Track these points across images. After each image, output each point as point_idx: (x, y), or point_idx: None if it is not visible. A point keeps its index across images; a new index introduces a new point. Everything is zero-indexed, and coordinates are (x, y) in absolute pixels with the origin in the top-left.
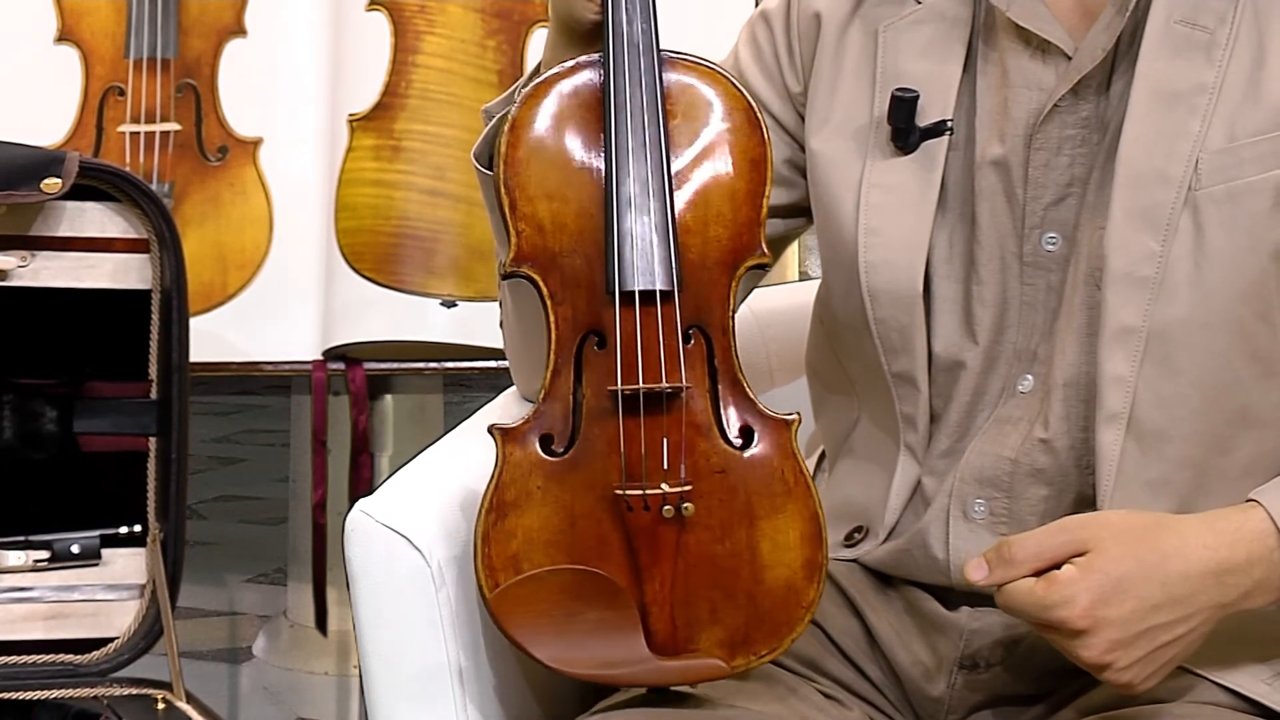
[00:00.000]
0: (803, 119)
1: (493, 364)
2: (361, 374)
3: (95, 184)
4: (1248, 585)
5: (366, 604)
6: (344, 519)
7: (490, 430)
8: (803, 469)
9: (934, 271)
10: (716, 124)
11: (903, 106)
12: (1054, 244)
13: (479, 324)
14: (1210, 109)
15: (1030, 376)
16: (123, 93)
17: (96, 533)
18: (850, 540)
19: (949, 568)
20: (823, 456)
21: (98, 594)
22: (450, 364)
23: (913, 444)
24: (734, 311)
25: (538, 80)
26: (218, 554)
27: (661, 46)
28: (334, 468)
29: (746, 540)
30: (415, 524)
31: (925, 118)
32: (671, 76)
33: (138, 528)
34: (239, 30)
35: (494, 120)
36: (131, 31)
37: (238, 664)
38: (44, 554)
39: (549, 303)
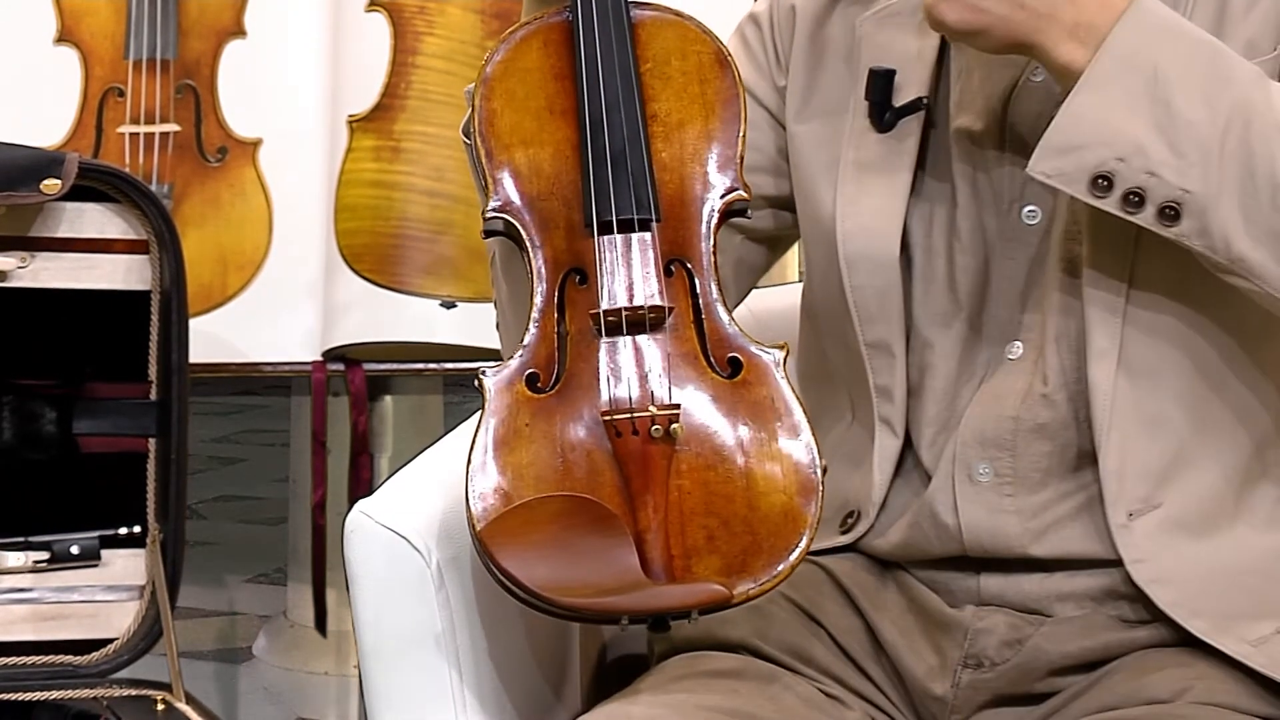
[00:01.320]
0: None
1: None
2: (361, 375)
3: (95, 185)
4: (1088, 9)
5: (366, 605)
6: (344, 520)
7: (476, 375)
8: (794, 397)
9: (914, 244)
10: (688, 67)
11: (879, 81)
12: (1034, 218)
13: (478, 324)
14: None
15: (1019, 343)
16: (122, 94)
17: (96, 534)
18: (845, 526)
19: (960, 532)
20: (825, 470)
21: (97, 595)
22: (450, 364)
23: (888, 415)
24: (716, 251)
25: (508, 34)
26: (218, 554)
27: None
28: (334, 468)
29: (740, 467)
30: (415, 525)
31: (902, 97)
32: (641, 24)
33: (137, 529)
34: (238, 31)
35: None
36: (131, 32)
37: (238, 664)
38: (44, 555)
39: (529, 246)
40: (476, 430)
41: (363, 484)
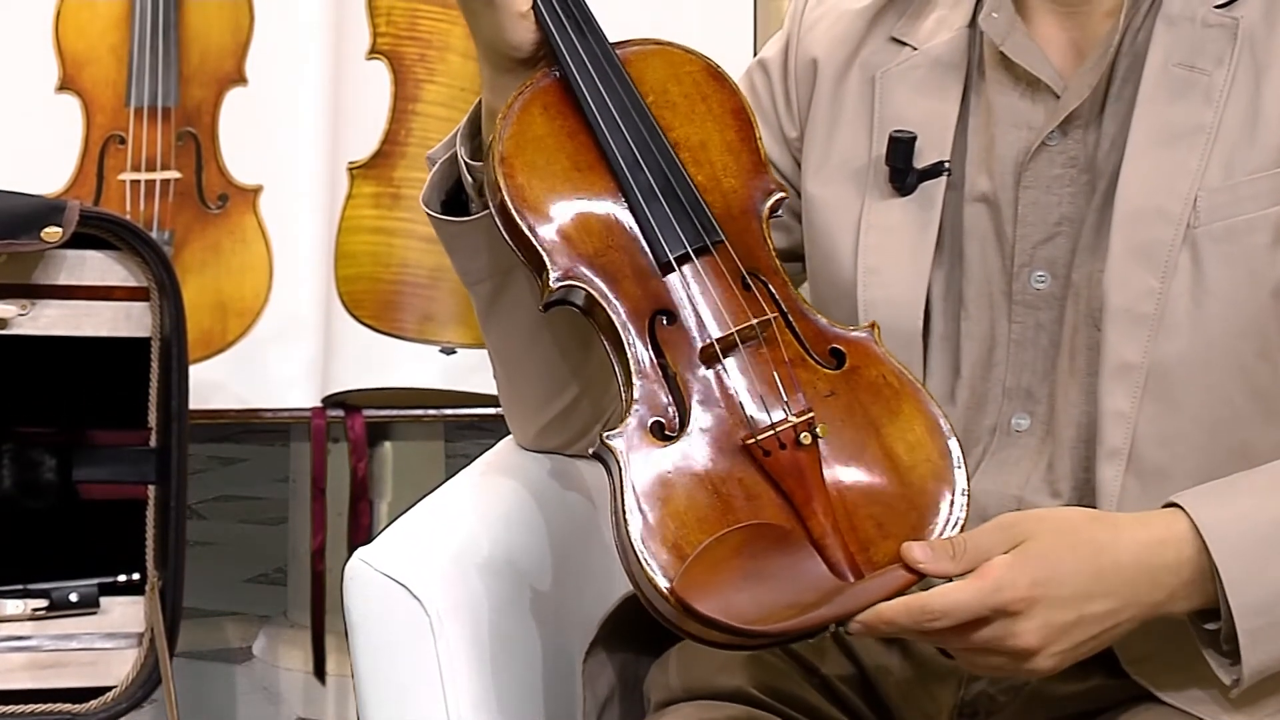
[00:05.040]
0: (799, 165)
1: (492, 410)
2: (361, 421)
3: (96, 232)
4: (1175, 585)
5: (365, 653)
6: (343, 566)
7: (600, 439)
8: (901, 367)
9: (932, 310)
10: (687, 89)
11: (900, 148)
12: (1043, 282)
13: (478, 370)
14: (1208, 148)
15: (1026, 416)
16: (123, 141)
17: (95, 581)
18: None
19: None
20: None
21: (96, 643)
22: (450, 411)
23: None
24: (775, 253)
25: (505, 110)
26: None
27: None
28: (333, 515)
29: (881, 449)
30: (414, 573)
31: (922, 159)
32: (628, 62)
33: (136, 576)
34: (239, 79)
35: (437, 165)
36: (132, 80)
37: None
38: (42, 603)
39: (605, 304)
40: (619, 497)
41: (362, 530)
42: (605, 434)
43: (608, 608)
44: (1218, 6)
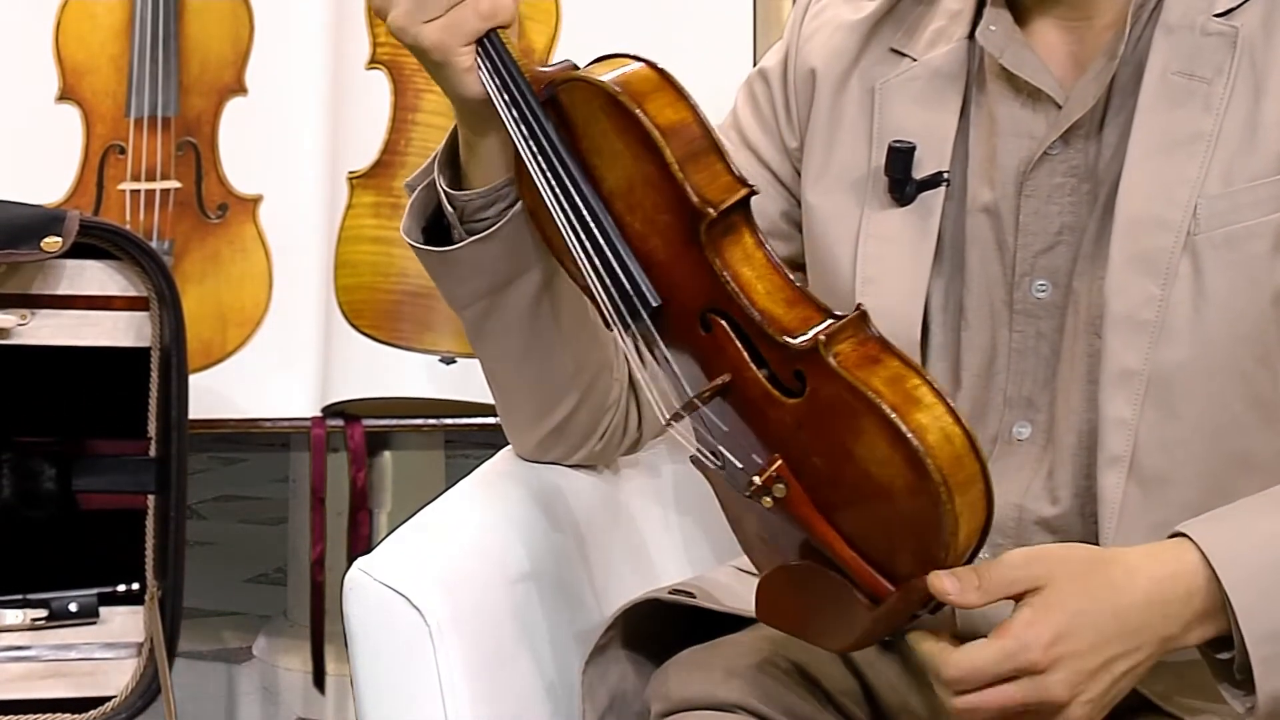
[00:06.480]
0: (799, 174)
1: (492, 420)
2: (360, 431)
3: (95, 242)
4: (1189, 617)
5: (365, 663)
6: (343, 576)
7: (690, 461)
8: (851, 380)
9: (931, 320)
10: (604, 127)
11: (899, 158)
12: (1044, 291)
13: (478, 380)
14: (1208, 156)
15: (1028, 424)
16: (123, 151)
17: (94, 591)
18: None
19: (954, 614)
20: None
21: (95, 653)
22: (449, 420)
23: None
24: (732, 273)
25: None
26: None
27: (538, 85)
28: (332, 524)
29: (858, 473)
30: (414, 582)
31: (922, 169)
32: (561, 102)
33: (135, 586)
34: (239, 89)
35: (415, 193)
36: (132, 90)
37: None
38: (42, 612)
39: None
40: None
41: (361, 540)
42: (690, 456)
43: (607, 617)
44: (1217, 15)
